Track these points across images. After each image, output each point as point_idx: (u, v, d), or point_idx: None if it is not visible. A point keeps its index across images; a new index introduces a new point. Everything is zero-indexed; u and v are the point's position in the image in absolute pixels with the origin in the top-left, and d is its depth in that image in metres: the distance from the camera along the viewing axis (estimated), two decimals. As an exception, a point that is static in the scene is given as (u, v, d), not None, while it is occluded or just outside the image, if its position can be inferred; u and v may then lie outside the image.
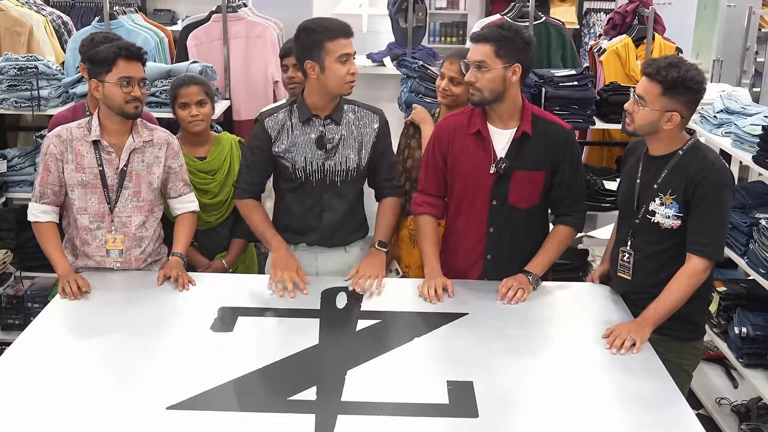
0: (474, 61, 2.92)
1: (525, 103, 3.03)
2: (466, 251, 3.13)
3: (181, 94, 3.44)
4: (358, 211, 3.25)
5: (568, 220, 3.11)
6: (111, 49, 3.00)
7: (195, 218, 3.31)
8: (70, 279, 2.95)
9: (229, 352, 2.62)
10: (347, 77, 2.98)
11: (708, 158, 2.79)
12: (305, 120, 3.08)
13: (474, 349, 2.64)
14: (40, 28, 5.06)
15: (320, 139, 3.08)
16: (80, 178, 3.07)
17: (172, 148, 3.19)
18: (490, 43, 2.89)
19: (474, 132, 3.02)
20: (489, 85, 2.91)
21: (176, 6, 7.56)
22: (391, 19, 5.68)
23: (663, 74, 2.70)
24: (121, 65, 2.99)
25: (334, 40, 2.96)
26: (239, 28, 4.89)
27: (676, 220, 2.81)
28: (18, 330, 3.90)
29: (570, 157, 3.04)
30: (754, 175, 4.87)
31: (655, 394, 2.42)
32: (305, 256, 3.21)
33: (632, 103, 2.80)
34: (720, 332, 3.90)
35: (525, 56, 2.92)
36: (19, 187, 4.46)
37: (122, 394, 2.36)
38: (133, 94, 3.00)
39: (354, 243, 3.26)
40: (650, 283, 2.88)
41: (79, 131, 3.10)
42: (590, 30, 7.70)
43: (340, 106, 3.11)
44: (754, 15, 5.83)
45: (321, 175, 3.11)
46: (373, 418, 2.27)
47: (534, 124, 3.00)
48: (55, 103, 4.32)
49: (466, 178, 3.06)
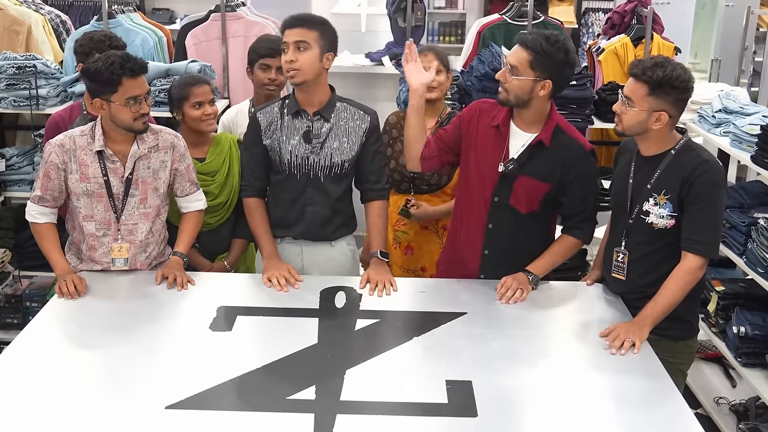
0: (509, 63, 2.91)
1: (552, 114, 3.01)
2: (466, 245, 3.14)
3: (193, 94, 3.40)
4: (344, 208, 3.24)
5: (576, 233, 3.11)
6: (113, 69, 2.86)
7: (201, 216, 3.30)
8: (67, 279, 2.94)
9: (228, 351, 2.62)
10: (285, 65, 3.00)
11: (702, 157, 2.79)
12: (294, 113, 3.11)
13: (473, 349, 2.65)
14: (39, 27, 5.05)
15: (307, 133, 3.10)
16: (85, 188, 3.03)
17: (178, 150, 3.15)
18: (529, 52, 2.87)
19: (495, 125, 3.02)
20: (515, 91, 2.91)
21: (175, 5, 7.56)
22: (390, 18, 5.69)
23: (649, 74, 2.70)
24: (127, 85, 2.88)
25: (282, 33, 3.04)
26: (238, 27, 4.89)
27: (670, 220, 2.82)
28: (16, 329, 3.90)
29: (583, 175, 3.02)
30: (752, 174, 4.87)
31: (654, 394, 2.43)
32: (290, 250, 3.23)
33: (620, 104, 2.81)
34: (718, 332, 3.90)
35: (560, 74, 2.90)
36: (18, 186, 4.46)
37: (121, 394, 2.35)
38: (142, 111, 2.94)
39: (340, 238, 3.26)
40: (644, 283, 2.89)
41: (83, 139, 3.03)
42: (589, 29, 7.70)
43: (331, 103, 3.12)
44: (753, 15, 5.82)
45: (306, 169, 3.12)
46: (372, 418, 2.27)
47: (554, 136, 2.98)
48: (54, 102, 4.32)
49: (474, 169, 3.06)
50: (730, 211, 3.75)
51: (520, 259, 3.08)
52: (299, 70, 2.98)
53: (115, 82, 2.88)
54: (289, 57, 2.97)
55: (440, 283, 3.10)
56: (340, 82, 3.44)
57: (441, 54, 3.55)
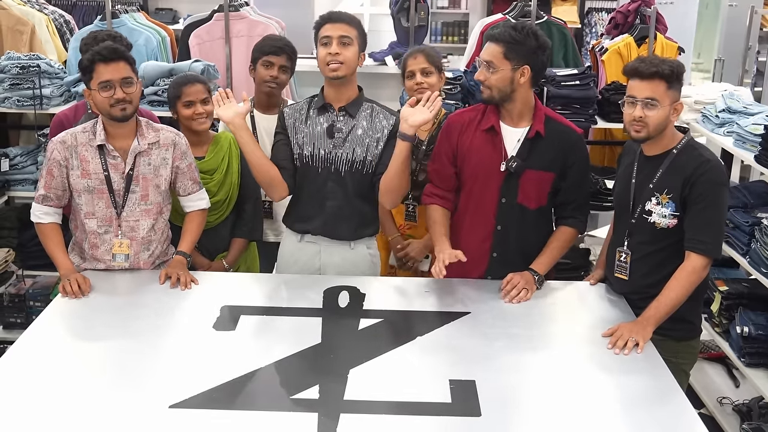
0: (484, 60, 2.95)
1: (538, 104, 3.05)
2: (472, 248, 3.12)
3: (185, 93, 3.43)
4: (365, 209, 3.21)
5: (572, 222, 3.12)
6: (89, 56, 2.97)
7: (205, 216, 3.31)
8: (71, 278, 2.95)
9: (231, 350, 2.62)
10: (327, 57, 3.02)
11: (704, 156, 2.80)
12: (320, 108, 3.13)
13: (476, 348, 2.65)
14: (43, 27, 5.06)
15: (330, 128, 3.11)
16: (86, 184, 3.05)
17: (179, 148, 3.17)
18: (500, 44, 2.91)
19: (486, 128, 3.03)
20: (496, 85, 2.93)
21: (178, 5, 7.57)
22: (393, 18, 5.69)
23: (661, 69, 2.73)
24: (99, 70, 2.94)
25: (321, 27, 3.05)
26: (241, 27, 4.89)
27: (672, 220, 2.82)
28: (20, 329, 3.91)
29: (579, 161, 3.07)
30: (755, 174, 4.87)
31: (657, 393, 2.43)
32: (309, 250, 3.22)
33: (641, 110, 2.76)
34: (722, 332, 3.90)
35: (535, 59, 2.93)
36: (21, 185, 4.47)
37: (125, 393, 2.36)
38: (115, 96, 2.94)
39: (360, 240, 3.24)
40: (647, 283, 2.89)
41: (84, 136, 3.06)
42: (592, 29, 7.70)
43: (359, 101, 3.14)
44: (756, 14, 5.82)
45: (327, 163, 3.12)
46: (375, 417, 2.27)
47: (547, 124, 3.01)
48: (57, 102, 4.33)
49: (475, 175, 3.07)
50: (733, 211, 3.74)
51: (527, 259, 3.08)
52: (343, 64, 3.02)
53: (90, 69, 2.97)
54: (335, 50, 3.00)
55: (444, 282, 3.10)
56: (342, 81, 3.44)
57: (431, 55, 3.52)
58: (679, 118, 4.19)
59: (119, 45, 3.24)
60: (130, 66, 3.01)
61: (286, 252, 3.29)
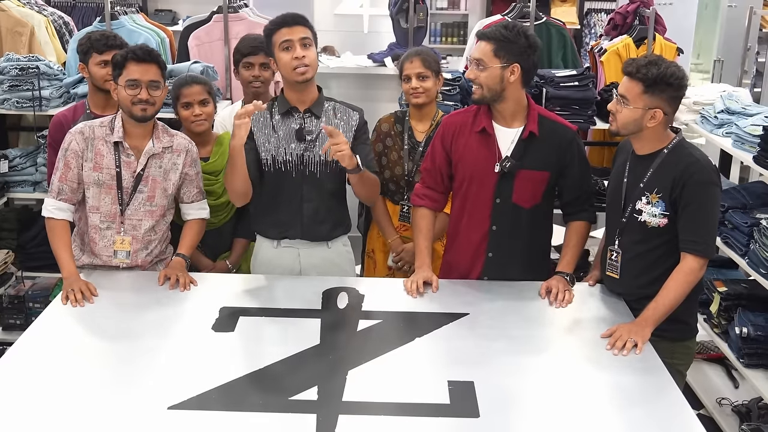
0: (473, 59, 2.96)
1: (531, 104, 3.05)
2: (468, 248, 3.14)
3: (183, 94, 3.44)
4: (339, 206, 3.25)
5: (583, 216, 3.15)
6: (122, 53, 3.05)
7: (204, 225, 3.33)
8: (75, 287, 2.93)
9: (230, 352, 2.62)
10: (293, 62, 3.00)
11: (693, 156, 2.80)
12: (285, 113, 3.12)
13: (475, 349, 2.65)
14: (42, 29, 5.06)
15: (300, 131, 3.11)
16: (97, 177, 3.08)
17: (190, 155, 3.20)
18: (490, 42, 2.93)
19: (479, 130, 3.04)
20: (487, 83, 2.94)
21: (177, 6, 7.56)
22: (392, 19, 5.68)
23: (643, 72, 2.73)
24: (130, 67, 3.01)
25: (277, 32, 3.03)
26: (240, 28, 4.89)
27: (662, 219, 2.83)
28: (19, 330, 3.90)
29: (577, 157, 3.08)
30: (754, 175, 4.87)
31: (656, 394, 2.43)
32: (287, 255, 3.23)
33: (615, 103, 2.82)
34: (721, 332, 3.90)
35: (525, 57, 2.93)
36: (21, 187, 4.47)
37: (124, 394, 2.36)
38: (139, 96, 3.00)
39: (336, 239, 3.27)
40: (639, 283, 2.91)
41: (102, 130, 3.10)
42: (591, 30, 7.70)
43: (320, 101, 3.14)
44: (755, 15, 5.83)
45: (301, 166, 3.13)
46: (374, 418, 2.27)
47: (540, 124, 3.02)
48: (57, 104, 4.33)
49: (470, 176, 3.07)
50: (732, 211, 3.75)
51: (522, 259, 3.10)
52: (309, 66, 3.03)
53: (122, 65, 3.02)
54: (300, 53, 3.00)
55: (442, 284, 3.10)
56: (342, 82, 3.46)
57: (427, 58, 3.51)
58: (678, 119, 4.21)
59: (114, 45, 3.26)
60: (160, 71, 3.07)
61: (264, 259, 3.28)
